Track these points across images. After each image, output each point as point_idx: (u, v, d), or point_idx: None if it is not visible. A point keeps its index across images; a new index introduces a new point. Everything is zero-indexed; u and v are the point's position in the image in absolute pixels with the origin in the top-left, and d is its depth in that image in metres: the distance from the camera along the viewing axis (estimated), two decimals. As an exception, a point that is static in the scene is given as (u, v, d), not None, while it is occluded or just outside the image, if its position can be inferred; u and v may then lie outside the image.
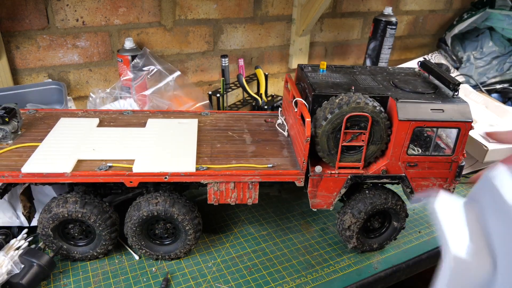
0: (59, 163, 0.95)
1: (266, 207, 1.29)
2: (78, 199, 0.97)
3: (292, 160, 1.05)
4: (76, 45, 1.49)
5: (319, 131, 0.95)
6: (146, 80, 1.50)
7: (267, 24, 1.80)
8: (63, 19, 1.43)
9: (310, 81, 1.04)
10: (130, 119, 1.21)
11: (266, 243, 1.14)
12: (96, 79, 1.58)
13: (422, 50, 2.33)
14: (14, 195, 1.10)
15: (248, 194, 1.02)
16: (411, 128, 0.95)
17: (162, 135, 1.11)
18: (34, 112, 1.21)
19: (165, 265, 1.05)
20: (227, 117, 1.27)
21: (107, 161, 0.99)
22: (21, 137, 1.08)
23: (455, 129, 0.97)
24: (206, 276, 1.02)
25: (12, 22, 1.37)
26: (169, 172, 0.96)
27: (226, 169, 0.99)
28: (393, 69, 1.18)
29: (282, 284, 1.01)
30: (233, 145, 1.11)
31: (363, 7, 2.00)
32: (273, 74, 1.94)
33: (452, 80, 1.02)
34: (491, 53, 2.15)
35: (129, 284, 0.99)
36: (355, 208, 1.05)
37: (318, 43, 1.98)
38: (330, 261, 1.10)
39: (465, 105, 0.97)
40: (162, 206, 0.97)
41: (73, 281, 0.99)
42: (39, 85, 1.39)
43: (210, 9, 1.65)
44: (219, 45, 1.74)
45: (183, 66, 1.71)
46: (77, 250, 1.03)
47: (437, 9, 2.22)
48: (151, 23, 1.57)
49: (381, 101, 0.98)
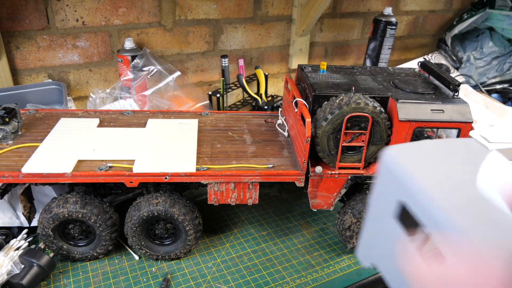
0: (59, 164, 0.95)
1: (266, 207, 1.29)
2: (79, 199, 0.97)
3: (292, 161, 1.05)
4: (76, 45, 1.49)
5: (319, 132, 0.95)
6: (146, 80, 1.50)
7: (267, 24, 1.80)
8: (63, 19, 1.43)
9: (310, 81, 1.04)
10: (130, 119, 1.21)
11: (266, 243, 1.14)
12: (96, 79, 1.58)
13: (422, 50, 2.33)
14: (14, 195, 1.10)
15: (248, 195, 1.02)
16: (411, 129, 0.95)
17: (162, 135, 1.11)
18: (34, 112, 1.21)
19: (165, 265, 1.05)
20: (227, 117, 1.27)
21: (107, 161, 0.99)
22: (21, 137, 1.08)
23: (455, 130, 0.97)
24: (206, 276, 1.02)
25: (12, 22, 1.37)
26: (169, 173, 0.96)
27: (226, 169, 0.99)
28: (393, 70, 1.18)
29: (282, 284, 1.01)
30: (233, 146, 1.11)
31: (363, 7, 2.00)
32: (273, 74, 1.94)
33: (452, 80, 1.02)
34: (491, 53, 2.15)
35: (129, 284, 0.99)
36: (355, 208, 1.05)
37: (318, 43, 1.98)
38: (330, 261, 1.10)
39: (465, 105, 0.97)
40: (162, 206, 0.97)
41: (73, 281, 0.99)
42: (39, 85, 1.39)
43: (210, 9, 1.65)
44: (219, 45, 1.74)
45: (183, 66, 1.71)
46: (77, 250, 1.03)
47: (437, 9, 2.22)
48: (151, 23, 1.57)
49: (381, 101, 0.98)
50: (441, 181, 0.52)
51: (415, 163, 0.55)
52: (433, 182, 0.52)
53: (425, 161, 0.56)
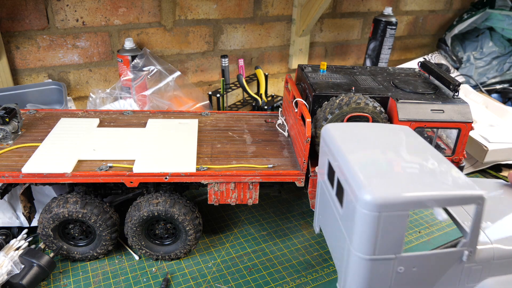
0: (60, 164, 0.95)
1: (266, 207, 1.29)
2: (79, 199, 0.97)
3: (293, 161, 1.05)
4: (76, 45, 1.49)
5: (320, 132, 0.95)
6: (146, 80, 1.50)
7: (267, 24, 1.80)
8: (63, 19, 1.43)
9: (310, 81, 1.04)
10: (130, 119, 1.21)
11: (266, 243, 1.14)
12: (96, 79, 1.58)
13: (422, 50, 2.33)
14: (14, 195, 1.10)
15: (248, 195, 1.02)
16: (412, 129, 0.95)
17: (163, 135, 1.11)
18: (35, 112, 1.21)
19: (165, 265, 1.05)
20: (227, 117, 1.27)
21: (107, 161, 0.99)
22: (21, 137, 1.08)
23: (455, 130, 0.97)
24: (206, 276, 1.02)
25: (12, 22, 1.37)
26: (169, 173, 0.96)
27: (227, 169, 0.99)
28: (393, 70, 1.18)
29: (282, 284, 1.01)
30: (234, 146, 1.11)
31: (363, 7, 2.00)
32: (273, 74, 1.94)
33: (452, 80, 1.02)
34: (491, 53, 2.15)
35: (129, 284, 0.99)
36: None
37: (318, 43, 1.98)
38: (330, 261, 1.10)
39: (465, 105, 0.97)
40: (162, 206, 0.97)
41: (73, 281, 0.99)
42: (39, 85, 1.39)
43: (210, 9, 1.65)
44: (219, 45, 1.74)
45: (183, 66, 1.71)
46: (77, 250, 1.03)
47: (437, 9, 2.22)
48: (151, 23, 1.57)
49: (382, 101, 0.98)
50: (354, 146, 0.72)
51: (341, 133, 0.76)
52: (348, 146, 0.71)
53: (349, 133, 0.76)
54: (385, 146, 0.74)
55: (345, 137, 0.75)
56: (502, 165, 1.52)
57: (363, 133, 0.78)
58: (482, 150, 1.40)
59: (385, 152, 0.71)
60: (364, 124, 0.83)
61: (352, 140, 0.75)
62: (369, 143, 0.75)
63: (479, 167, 1.48)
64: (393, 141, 0.76)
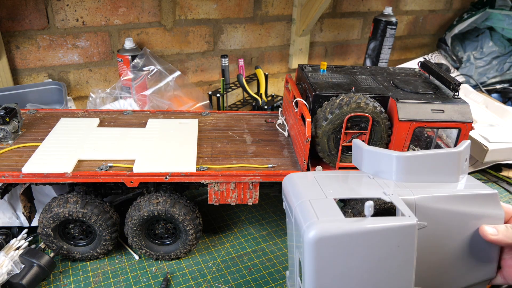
0: (60, 163, 0.95)
1: (266, 207, 1.29)
2: (79, 199, 0.97)
3: (293, 161, 1.05)
4: (76, 45, 1.49)
5: (320, 132, 0.96)
6: (146, 80, 1.50)
7: (267, 24, 1.80)
8: (63, 19, 1.43)
9: (310, 81, 1.04)
10: (130, 119, 1.21)
11: (266, 243, 1.15)
12: (96, 79, 1.58)
13: (422, 50, 2.33)
14: (14, 195, 1.10)
15: (248, 194, 1.02)
16: (412, 129, 0.95)
17: (163, 135, 1.11)
18: (35, 112, 1.21)
19: (165, 265, 1.05)
20: (228, 117, 1.27)
21: (107, 161, 0.99)
22: (21, 137, 1.08)
23: (455, 130, 0.97)
24: (206, 276, 1.02)
25: (12, 22, 1.37)
26: (169, 172, 0.96)
27: (227, 169, 0.99)
28: (394, 69, 1.18)
29: (282, 284, 1.01)
30: (234, 145, 1.11)
31: (363, 7, 2.00)
32: (273, 74, 1.94)
33: (452, 80, 1.02)
34: (491, 53, 2.15)
35: (129, 284, 0.99)
36: (355, 208, 1.05)
37: (318, 43, 1.98)
38: (330, 261, 1.09)
39: (465, 105, 0.97)
40: (162, 206, 0.97)
41: (73, 281, 0.99)
42: (39, 85, 1.39)
43: (210, 9, 1.65)
44: (219, 45, 1.74)
45: (183, 66, 1.71)
46: (78, 250, 1.03)
47: (437, 9, 2.22)
48: (151, 23, 1.57)
49: (382, 101, 0.98)
50: (303, 192, 0.72)
51: (295, 183, 0.76)
52: (298, 193, 0.72)
53: (300, 182, 0.76)
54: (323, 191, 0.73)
55: (295, 185, 0.75)
56: (502, 165, 1.52)
57: (311, 182, 0.76)
58: (482, 150, 1.40)
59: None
60: (309, 173, 0.80)
61: (302, 186, 0.74)
62: (314, 189, 0.73)
63: (479, 167, 1.48)
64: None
